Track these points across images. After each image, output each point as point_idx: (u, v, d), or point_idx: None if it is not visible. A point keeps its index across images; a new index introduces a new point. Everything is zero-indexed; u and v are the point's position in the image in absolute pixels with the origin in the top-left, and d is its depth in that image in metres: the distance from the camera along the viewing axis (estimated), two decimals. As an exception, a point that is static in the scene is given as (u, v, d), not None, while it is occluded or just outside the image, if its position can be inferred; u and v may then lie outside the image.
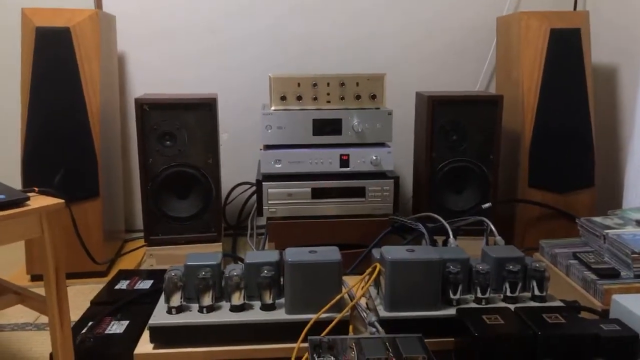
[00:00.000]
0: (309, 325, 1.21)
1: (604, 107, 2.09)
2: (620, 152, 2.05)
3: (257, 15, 2.19)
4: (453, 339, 1.23)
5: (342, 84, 1.77)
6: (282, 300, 1.28)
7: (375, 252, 1.39)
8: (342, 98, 1.78)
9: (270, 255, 1.34)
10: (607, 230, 1.49)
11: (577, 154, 1.90)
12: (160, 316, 1.24)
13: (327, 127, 1.77)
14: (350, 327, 1.28)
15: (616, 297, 1.23)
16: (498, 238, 1.61)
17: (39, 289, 1.15)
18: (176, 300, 1.25)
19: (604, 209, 1.77)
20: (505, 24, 2.06)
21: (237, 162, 2.25)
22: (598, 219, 1.60)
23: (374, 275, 1.32)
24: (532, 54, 1.89)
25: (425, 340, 1.12)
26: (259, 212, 1.76)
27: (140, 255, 1.95)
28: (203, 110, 1.75)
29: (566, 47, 1.88)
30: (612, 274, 1.39)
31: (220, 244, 1.82)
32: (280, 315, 1.26)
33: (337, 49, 2.23)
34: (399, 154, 2.11)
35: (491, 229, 1.64)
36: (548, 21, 1.89)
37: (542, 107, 1.89)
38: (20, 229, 1.04)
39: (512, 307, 1.25)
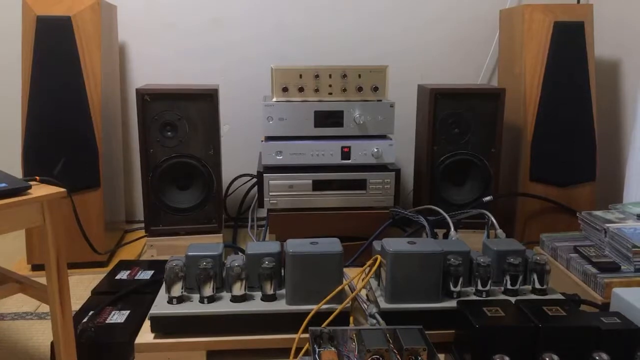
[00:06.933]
0: (309, 316, 1.21)
1: (606, 101, 2.08)
2: (621, 147, 2.04)
3: (259, 7, 2.18)
4: (453, 331, 1.23)
5: (344, 76, 1.76)
6: (283, 291, 1.29)
7: (376, 244, 1.39)
8: (344, 90, 1.78)
9: (271, 246, 1.34)
10: (608, 224, 1.49)
11: (578, 148, 1.90)
12: (161, 306, 1.25)
13: (328, 118, 1.77)
14: (351, 319, 1.29)
15: (617, 290, 1.24)
16: (499, 231, 1.61)
17: (40, 279, 1.15)
18: (177, 290, 1.25)
19: (605, 203, 1.77)
20: (509, 17, 2.05)
21: (239, 154, 2.24)
22: (599, 213, 1.60)
23: (374, 267, 1.32)
24: (535, 47, 1.88)
25: (426, 332, 1.13)
26: (260, 203, 1.76)
27: (141, 246, 1.96)
28: (204, 101, 1.75)
29: (570, 40, 1.87)
30: (612, 268, 1.39)
31: (221, 235, 1.82)
32: (281, 306, 1.26)
33: (339, 41, 2.22)
34: (401, 147, 2.11)
35: (492, 222, 1.64)
36: (552, 14, 1.87)
37: (545, 100, 1.88)
38: (21, 218, 1.04)
39: (512, 299, 1.25)
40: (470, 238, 1.68)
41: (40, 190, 1.06)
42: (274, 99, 1.76)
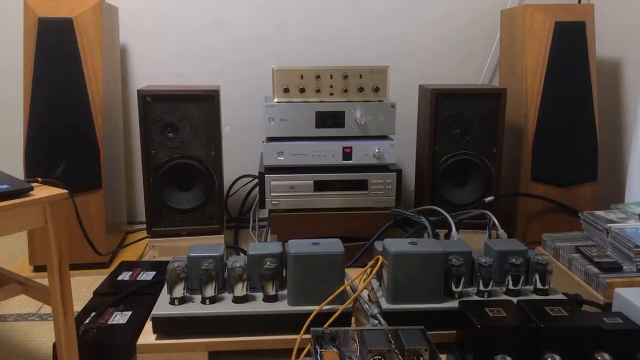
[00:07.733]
0: (311, 317, 1.21)
1: (607, 101, 2.08)
2: (623, 147, 2.04)
3: (259, 7, 2.18)
4: (455, 331, 1.23)
5: (345, 76, 1.76)
6: (285, 292, 1.29)
7: (378, 245, 1.39)
8: (345, 90, 1.78)
9: (272, 247, 1.34)
10: (609, 224, 1.49)
11: (580, 148, 1.90)
12: (163, 307, 1.25)
13: (330, 119, 1.77)
14: (353, 319, 1.29)
15: (619, 290, 1.23)
16: (501, 231, 1.61)
17: (42, 280, 1.15)
18: (179, 291, 1.25)
19: (607, 203, 1.77)
20: (510, 17, 2.04)
21: (240, 155, 2.24)
22: (601, 213, 1.60)
23: (376, 268, 1.32)
24: (536, 47, 1.88)
25: (428, 332, 1.13)
26: (262, 204, 1.76)
27: (143, 247, 1.96)
28: (206, 102, 1.75)
29: (571, 40, 1.87)
30: (614, 268, 1.39)
31: (222, 236, 1.82)
32: (282, 306, 1.26)
33: (340, 42, 2.22)
34: (402, 147, 2.11)
35: (494, 223, 1.64)
36: (553, 14, 1.87)
37: (546, 100, 1.88)
38: (23, 219, 1.04)
39: (514, 300, 1.25)
40: (471, 238, 1.68)
41: (42, 191, 1.06)
42: (275, 100, 1.76)
